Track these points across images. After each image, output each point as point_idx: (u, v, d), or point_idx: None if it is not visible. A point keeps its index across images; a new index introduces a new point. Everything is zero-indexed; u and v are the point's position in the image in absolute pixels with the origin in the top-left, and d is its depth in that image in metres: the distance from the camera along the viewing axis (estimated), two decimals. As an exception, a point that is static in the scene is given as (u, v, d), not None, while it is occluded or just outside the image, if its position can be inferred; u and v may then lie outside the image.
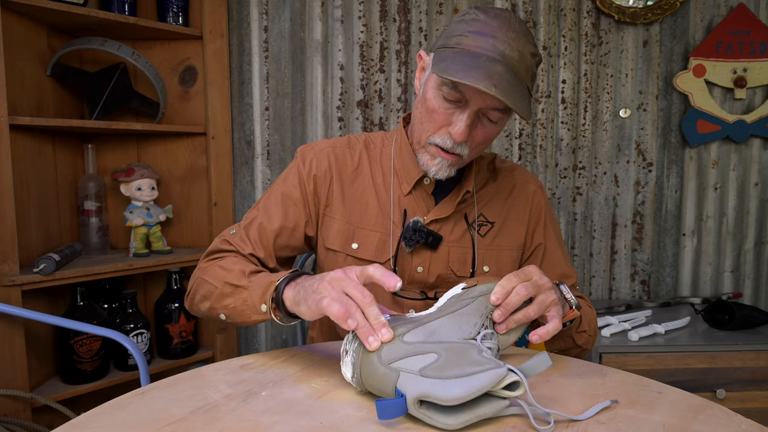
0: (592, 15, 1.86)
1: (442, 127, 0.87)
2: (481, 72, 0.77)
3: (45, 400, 1.41)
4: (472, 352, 0.62)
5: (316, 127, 1.86)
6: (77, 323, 1.33)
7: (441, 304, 0.74)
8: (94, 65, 1.70)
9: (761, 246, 1.95)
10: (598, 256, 1.93)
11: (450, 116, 0.86)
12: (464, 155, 0.89)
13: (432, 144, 0.89)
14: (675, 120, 1.90)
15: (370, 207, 0.97)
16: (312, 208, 0.97)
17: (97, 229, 1.67)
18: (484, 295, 0.72)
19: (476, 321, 0.69)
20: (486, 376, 0.55)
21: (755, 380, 1.48)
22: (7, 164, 1.35)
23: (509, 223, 1.00)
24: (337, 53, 1.84)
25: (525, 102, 0.82)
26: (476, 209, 0.98)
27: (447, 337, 0.65)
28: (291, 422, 0.59)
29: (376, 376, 0.61)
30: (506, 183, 1.03)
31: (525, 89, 0.83)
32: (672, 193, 1.92)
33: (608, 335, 1.51)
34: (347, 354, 0.66)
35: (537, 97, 1.87)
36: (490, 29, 0.81)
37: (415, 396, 0.56)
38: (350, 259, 0.96)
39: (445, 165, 0.90)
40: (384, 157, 1.00)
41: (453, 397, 0.54)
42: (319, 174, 0.97)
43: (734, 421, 0.60)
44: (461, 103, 0.84)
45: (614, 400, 0.64)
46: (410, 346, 0.63)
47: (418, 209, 0.96)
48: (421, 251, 0.95)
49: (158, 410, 0.62)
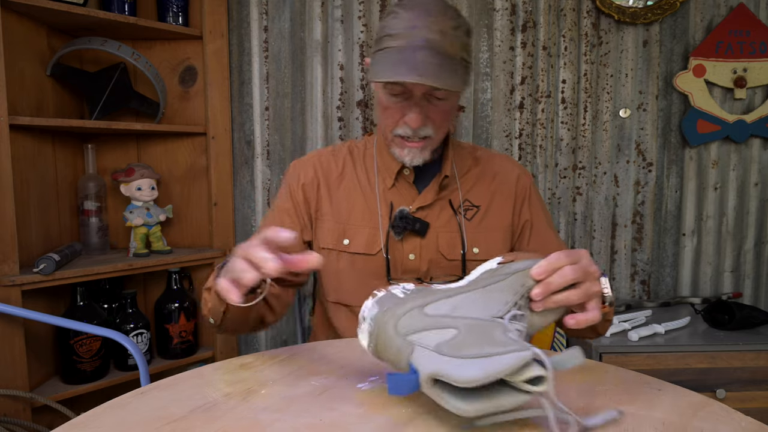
0: (592, 15, 1.86)
1: (399, 119, 0.95)
2: (407, 65, 0.85)
3: (45, 400, 1.41)
4: (495, 331, 0.56)
5: (316, 127, 1.86)
6: (77, 323, 1.33)
7: (473, 278, 0.67)
8: (94, 65, 1.70)
9: (761, 246, 1.95)
10: (598, 256, 1.93)
11: (402, 108, 0.93)
12: (431, 135, 0.95)
13: (396, 136, 0.96)
14: (675, 120, 1.90)
15: (357, 205, 1.03)
16: (305, 215, 1.05)
17: (97, 229, 1.67)
18: (521, 271, 0.65)
19: (507, 299, 0.62)
20: (507, 358, 0.50)
21: (755, 380, 1.48)
22: (7, 164, 1.35)
23: (495, 205, 1.04)
24: (337, 53, 1.84)
25: (455, 76, 0.88)
26: (460, 194, 1.03)
27: (472, 312, 0.60)
28: (290, 420, 0.59)
29: (392, 348, 0.58)
30: (489, 168, 1.07)
31: (457, 62, 0.89)
32: (672, 193, 1.92)
33: (608, 335, 1.51)
34: (364, 321, 0.62)
35: (537, 97, 1.87)
36: (409, 21, 0.88)
37: (428, 373, 0.52)
38: (343, 254, 1.01)
39: (416, 152, 0.97)
40: (367, 158, 1.08)
41: (468, 379, 0.49)
42: (307, 182, 1.05)
43: (734, 418, 0.60)
44: (407, 94, 0.92)
45: (620, 412, 0.59)
46: (430, 318, 0.59)
47: (402, 200, 1.02)
48: (411, 239, 1.00)
49: (158, 410, 0.62)
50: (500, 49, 1.86)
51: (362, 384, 0.69)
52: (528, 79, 1.87)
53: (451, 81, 0.87)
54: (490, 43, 1.86)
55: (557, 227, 1.90)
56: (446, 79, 0.86)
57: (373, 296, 0.64)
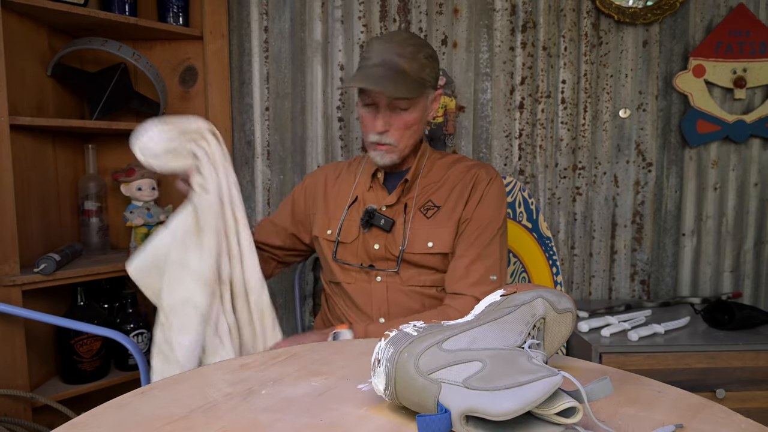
0: (592, 15, 1.86)
1: (371, 127, 1.15)
2: (363, 75, 1.10)
3: (45, 400, 1.41)
4: (521, 358, 0.55)
5: (316, 127, 1.86)
6: (78, 323, 1.33)
7: (479, 311, 0.69)
8: (94, 65, 1.70)
9: (761, 246, 1.95)
10: (597, 256, 1.93)
11: (371, 119, 1.15)
12: (393, 143, 1.15)
13: (371, 143, 1.17)
14: (675, 120, 1.90)
15: (342, 203, 1.25)
16: (302, 216, 1.33)
17: (98, 229, 1.67)
18: (527, 303, 0.68)
19: (521, 329, 0.63)
20: (540, 385, 0.49)
21: (755, 380, 1.48)
22: (8, 164, 1.36)
23: (450, 203, 1.19)
24: (337, 53, 1.84)
25: (402, 88, 1.08)
26: (416, 198, 1.20)
27: (491, 344, 0.59)
28: (291, 420, 0.59)
29: (414, 388, 0.55)
30: (458, 173, 1.22)
31: (411, 78, 1.11)
32: (672, 193, 1.92)
33: (608, 335, 1.51)
34: (380, 364, 0.60)
35: (537, 97, 1.87)
36: (375, 48, 1.13)
37: (461, 411, 0.50)
38: (325, 242, 1.25)
39: (382, 154, 1.16)
40: (359, 168, 1.30)
41: (504, 411, 0.48)
42: (310, 186, 1.34)
43: (734, 420, 0.60)
44: (374, 106, 1.14)
45: (679, 425, 0.58)
46: (451, 354, 0.57)
47: (375, 200, 1.22)
48: (377, 232, 1.19)
49: (158, 409, 0.62)
50: (500, 49, 1.86)
51: (363, 385, 0.69)
52: (528, 80, 1.87)
53: (394, 89, 1.07)
54: (490, 44, 1.86)
55: (557, 227, 1.91)
56: (391, 87, 1.07)
57: (386, 337, 0.62)
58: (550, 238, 1.75)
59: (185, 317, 1.02)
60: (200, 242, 1.05)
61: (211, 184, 1.07)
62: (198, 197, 1.07)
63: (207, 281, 1.04)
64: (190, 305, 1.02)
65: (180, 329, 1.02)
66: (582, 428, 0.52)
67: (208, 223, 1.05)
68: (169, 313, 1.04)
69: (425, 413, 0.54)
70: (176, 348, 1.01)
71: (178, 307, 1.03)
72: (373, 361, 0.62)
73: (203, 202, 1.06)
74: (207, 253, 1.04)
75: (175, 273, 1.04)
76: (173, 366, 1.01)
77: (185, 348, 1.01)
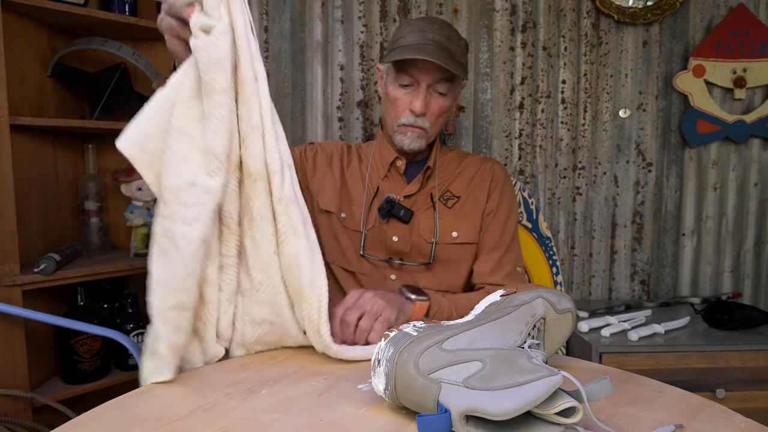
0: (592, 15, 1.86)
1: (405, 109, 1.10)
2: (419, 51, 1.04)
3: (45, 399, 1.41)
4: (521, 358, 0.56)
5: (316, 127, 1.86)
6: (78, 323, 1.34)
7: (479, 311, 0.69)
8: (94, 65, 1.70)
9: (761, 246, 1.95)
10: (597, 256, 1.93)
11: (408, 98, 1.10)
12: (427, 128, 1.11)
13: (401, 125, 1.11)
14: (675, 120, 1.90)
15: (357, 188, 1.18)
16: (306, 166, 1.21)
17: (98, 229, 1.67)
18: (527, 303, 0.68)
19: (521, 329, 0.64)
20: (540, 385, 0.49)
21: (755, 380, 1.48)
22: (8, 164, 1.36)
23: (472, 195, 1.18)
24: (337, 53, 1.84)
25: (459, 67, 1.07)
26: (437, 187, 1.17)
27: (491, 344, 0.60)
28: (291, 420, 0.59)
29: (414, 388, 0.56)
30: (471, 166, 1.22)
31: (457, 62, 1.08)
32: (672, 193, 1.92)
33: (608, 335, 1.52)
34: (380, 364, 0.60)
35: (537, 97, 1.87)
36: (419, 27, 1.08)
37: (461, 411, 0.50)
38: (339, 224, 1.16)
39: (415, 137, 1.11)
40: (369, 154, 1.24)
41: (504, 411, 0.48)
42: (325, 151, 1.22)
43: (734, 420, 0.60)
44: (414, 86, 1.09)
45: (679, 425, 0.58)
46: (451, 354, 0.57)
47: (392, 189, 1.17)
48: (396, 224, 1.14)
49: (158, 409, 0.62)
50: (500, 49, 1.86)
51: (363, 385, 0.69)
52: (528, 80, 1.87)
53: (454, 67, 1.04)
54: (490, 44, 1.86)
55: (557, 227, 1.91)
56: (451, 65, 1.04)
57: (386, 337, 0.62)
58: (550, 238, 1.75)
59: (193, 204, 0.72)
60: (203, 111, 0.73)
61: (220, 21, 0.69)
62: (200, 45, 0.70)
63: (222, 160, 0.73)
64: (200, 189, 0.72)
65: (184, 219, 0.72)
66: (582, 428, 0.51)
67: (216, 81, 0.70)
68: (171, 200, 0.73)
69: (425, 413, 0.54)
70: (179, 238, 0.71)
71: (183, 192, 0.73)
72: (373, 361, 0.62)
73: (208, 53, 0.69)
74: (217, 123, 0.71)
75: (178, 145, 0.74)
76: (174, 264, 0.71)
77: (193, 240, 0.71)
